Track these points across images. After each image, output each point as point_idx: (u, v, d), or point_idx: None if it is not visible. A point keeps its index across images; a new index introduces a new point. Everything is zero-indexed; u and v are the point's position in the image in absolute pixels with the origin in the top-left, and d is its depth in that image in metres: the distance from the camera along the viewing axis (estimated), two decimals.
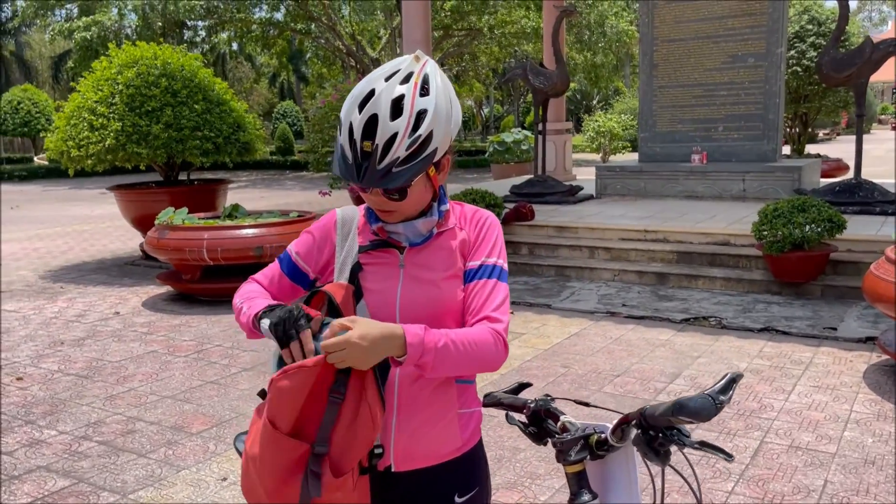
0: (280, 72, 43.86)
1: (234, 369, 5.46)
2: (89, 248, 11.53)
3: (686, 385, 4.88)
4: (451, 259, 1.62)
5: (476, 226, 1.66)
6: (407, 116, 1.45)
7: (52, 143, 9.37)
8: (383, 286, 1.59)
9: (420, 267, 1.60)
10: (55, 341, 6.35)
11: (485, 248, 1.63)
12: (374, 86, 1.47)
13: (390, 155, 1.45)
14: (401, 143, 1.45)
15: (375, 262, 1.62)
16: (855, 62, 8.40)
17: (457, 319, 1.60)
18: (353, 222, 1.68)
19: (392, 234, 1.61)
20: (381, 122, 1.44)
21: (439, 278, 1.60)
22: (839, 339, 5.77)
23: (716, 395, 1.26)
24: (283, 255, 1.73)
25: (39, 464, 3.97)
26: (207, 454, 4.04)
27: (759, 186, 9.87)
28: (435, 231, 1.62)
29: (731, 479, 3.61)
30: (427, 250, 1.62)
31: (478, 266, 1.61)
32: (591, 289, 7.53)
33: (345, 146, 1.47)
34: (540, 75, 10.55)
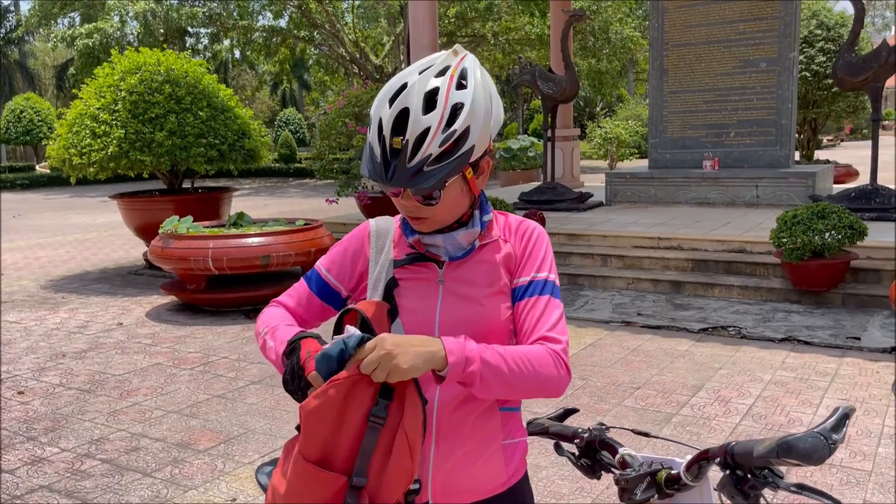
0: (282, 79, 43.84)
1: (242, 382, 5.30)
2: (92, 258, 11.38)
3: (710, 398, 4.72)
4: (494, 274, 1.46)
5: (522, 238, 1.51)
6: (441, 110, 1.30)
7: (53, 150, 9.23)
8: (421, 304, 1.44)
9: (461, 282, 1.45)
10: (57, 353, 6.20)
11: (534, 262, 1.48)
12: (407, 79, 1.34)
13: (422, 152, 1.30)
14: (433, 138, 1.30)
15: (412, 278, 1.47)
16: (871, 66, 8.25)
17: (502, 341, 1.45)
18: (389, 234, 1.53)
19: (430, 248, 1.46)
20: (413, 116, 1.30)
21: (482, 295, 1.44)
22: (863, 349, 5.60)
23: (828, 434, 1.10)
24: (312, 274, 1.58)
25: (41, 483, 3.81)
26: (216, 473, 3.87)
27: (773, 193, 9.70)
28: (477, 244, 1.47)
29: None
30: (468, 264, 1.46)
31: (528, 282, 1.46)
32: (605, 298, 7.36)
33: (373, 144, 1.34)
34: (549, 81, 10.41)
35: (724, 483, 1.19)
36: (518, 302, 1.45)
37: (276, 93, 51.65)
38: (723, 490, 1.20)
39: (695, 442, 4.08)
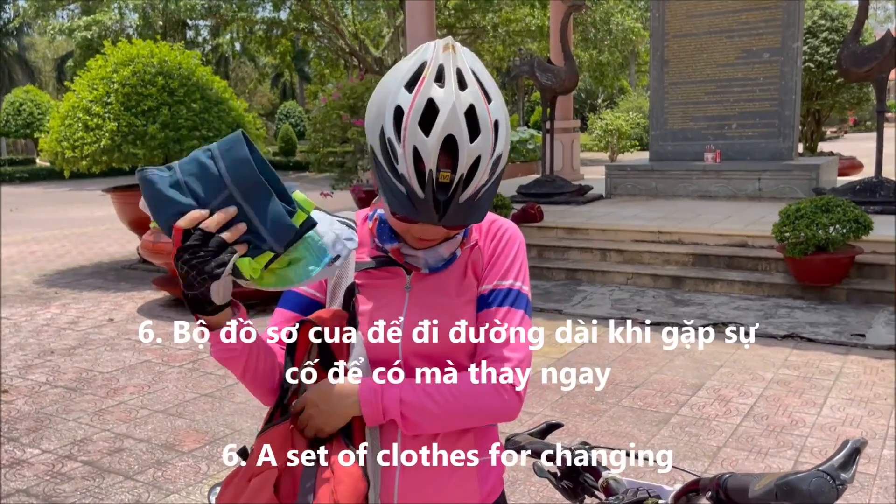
0: (283, 72, 43.67)
1: (230, 381, 5.18)
2: (87, 252, 11.26)
3: (710, 397, 4.59)
4: (468, 279, 1.34)
5: (493, 240, 1.36)
6: (488, 134, 1.14)
7: (46, 143, 9.10)
8: (385, 312, 1.30)
9: (430, 290, 1.31)
10: (45, 350, 6.08)
11: (500, 268, 1.33)
12: (430, 94, 1.12)
13: (474, 184, 1.14)
14: (486, 167, 1.14)
15: (375, 284, 1.33)
16: (875, 56, 8.08)
17: (469, 351, 1.32)
18: None
19: (409, 258, 1.31)
20: (462, 144, 1.12)
21: (452, 304, 1.31)
22: (868, 346, 5.47)
23: (835, 473, 0.97)
24: (286, 295, 1.40)
25: (19, 487, 3.69)
26: (199, 476, 3.76)
27: (776, 185, 9.55)
28: (458, 253, 1.33)
29: None
30: (440, 273, 1.33)
31: (489, 291, 1.32)
32: (604, 293, 7.23)
33: (408, 178, 1.13)
34: (548, 72, 10.25)
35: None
36: (481, 310, 1.32)
37: (277, 85, 51.47)
38: None
39: (694, 444, 3.96)
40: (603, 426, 4.20)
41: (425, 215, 1.15)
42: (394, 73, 1.17)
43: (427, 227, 1.20)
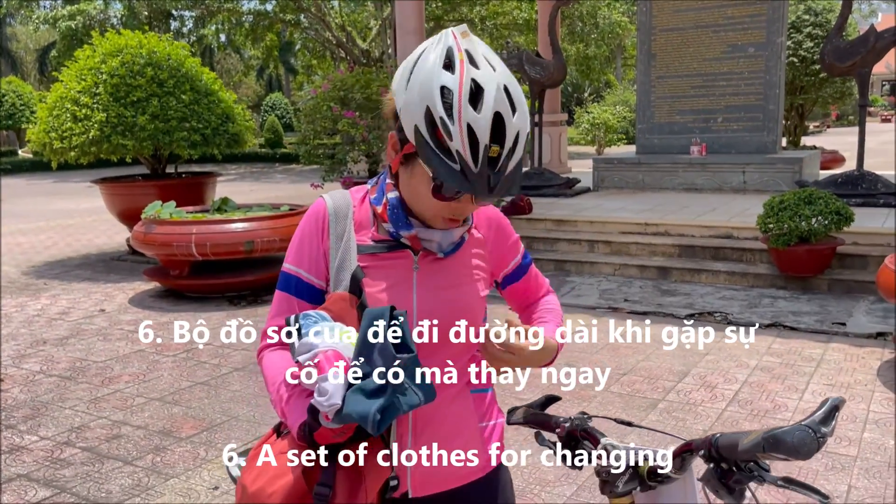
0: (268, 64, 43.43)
1: (225, 369, 5.24)
2: (74, 244, 11.25)
3: (696, 384, 4.71)
4: (470, 258, 1.44)
5: (491, 227, 1.51)
6: (524, 110, 1.25)
7: (34, 134, 9.07)
8: (395, 294, 1.35)
9: (438, 269, 1.39)
10: (38, 340, 6.11)
11: (513, 246, 1.56)
12: (472, 75, 1.20)
13: (515, 157, 1.24)
14: (523, 142, 1.25)
15: (381, 266, 1.37)
16: (859, 51, 8.23)
17: (476, 328, 1.42)
18: (348, 217, 1.40)
19: (424, 243, 1.37)
20: (507, 121, 1.21)
21: (460, 282, 1.41)
22: (849, 334, 5.61)
23: (816, 427, 1.06)
24: (288, 281, 1.43)
25: (20, 472, 3.75)
26: (198, 461, 3.83)
27: (760, 178, 9.70)
28: (466, 237, 1.42)
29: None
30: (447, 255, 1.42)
31: (517, 266, 1.57)
32: (592, 283, 7.34)
33: (463, 154, 1.19)
34: (536, 65, 10.34)
35: (708, 476, 1.15)
36: (515, 283, 1.57)
37: (262, 77, 51.22)
38: (707, 483, 1.17)
39: (681, 428, 4.07)
40: (592, 411, 4.30)
41: (479, 188, 1.21)
42: (423, 59, 1.23)
43: (465, 204, 1.28)
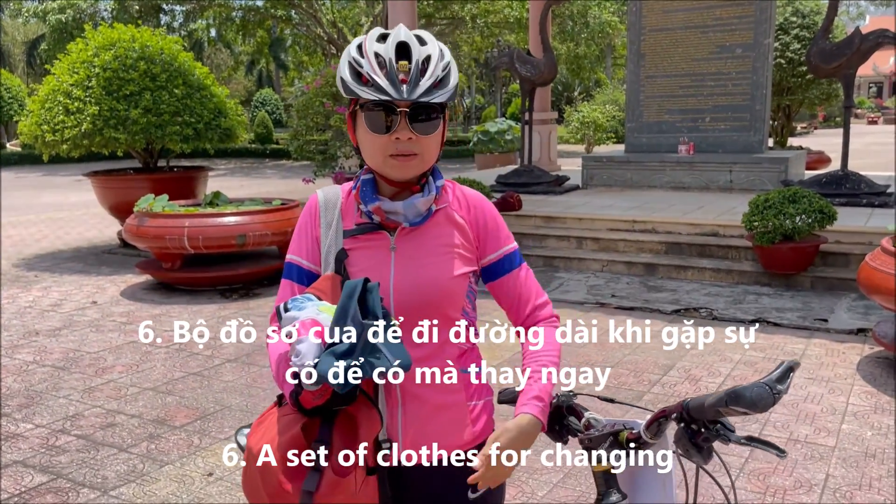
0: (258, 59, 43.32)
1: (218, 360, 5.31)
2: (64, 237, 11.25)
3: (680, 377, 4.81)
4: (448, 238, 1.52)
5: (476, 212, 1.58)
6: (434, 45, 1.43)
7: (26, 127, 9.08)
8: (374, 273, 1.47)
9: (414, 248, 1.50)
10: (30, 331, 6.15)
11: (498, 235, 1.59)
12: (382, 32, 1.44)
13: (430, 73, 1.40)
14: (437, 63, 1.42)
15: (363, 247, 1.50)
16: (844, 53, 8.36)
17: (455, 304, 1.51)
18: (336, 206, 1.55)
19: (389, 215, 1.48)
20: (413, 46, 1.41)
21: (435, 259, 1.50)
22: (830, 330, 5.73)
23: (773, 384, 1.16)
24: (290, 268, 1.57)
25: (16, 458, 3.81)
26: (192, 448, 3.89)
27: (746, 177, 9.84)
28: (434, 208, 1.52)
29: (732, 473, 3.53)
30: (421, 230, 1.51)
31: (501, 257, 1.57)
32: (580, 279, 7.45)
33: (373, 75, 1.39)
34: (527, 63, 10.43)
35: (679, 437, 1.24)
36: (500, 277, 1.57)
37: (252, 73, 51.09)
38: (678, 444, 1.26)
39: None
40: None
41: (394, 90, 1.37)
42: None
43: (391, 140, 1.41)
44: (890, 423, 4.06)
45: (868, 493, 3.34)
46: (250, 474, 1.38)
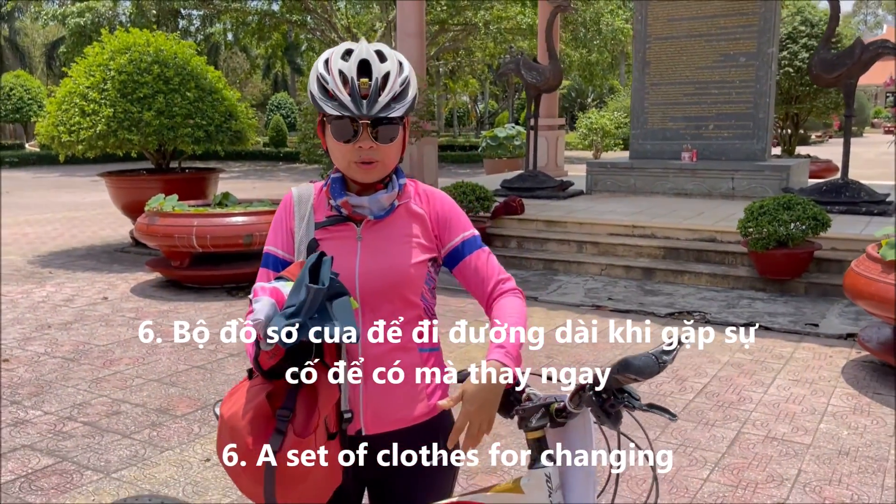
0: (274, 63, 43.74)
1: (221, 355, 5.49)
2: (79, 235, 11.52)
3: (667, 377, 4.94)
4: (408, 229, 1.69)
5: (433, 204, 1.74)
6: (393, 61, 1.58)
7: (42, 127, 9.35)
8: (341, 261, 1.63)
9: (378, 238, 1.66)
10: (42, 325, 6.36)
11: (456, 223, 1.74)
12: (348, 47, 1.59)
13: (388, 89, 1.55)
14: (395, 80, 1.56)
15: (332, 238, 1.67)
16: (845, 63, 8.47)
17: (414, 289, 1.67)
18: (309, 200, 1.72)
19: (356, 209, 1.66)
20: (374, 64, 1.56)
21: (397, 248, 1.66)
22: (820, 335, 5.84)
23: (659, 355, 1.31)
24: (266, 258, 1.74)
25: (24, 443, 4.00)
26: (192, 436, 4.07)
27: (748, 185, 9.94)
28: (396, 203, 1.68)
29: (707, 467, 3.67)
30: (384, 222, 1.68)
31: (461, 242, 1.73)
32: (578, 282, 7.59)
33: (337, 92, 1.54)
34: (532, 70, 10.59)
35: (590, 403, 1.39)
36: (462, 260, 1.73)
37: (268, 77, 51.54)
38: (593, 412, 1.41)
39: (647, 417, 4.30)
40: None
41: (354, 107, 1.53)
42: None
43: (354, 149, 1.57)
44: (867, 423, 4.18)
45: (837, 487, 3.46)
46: (222, 438, 1.55)
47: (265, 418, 1.48)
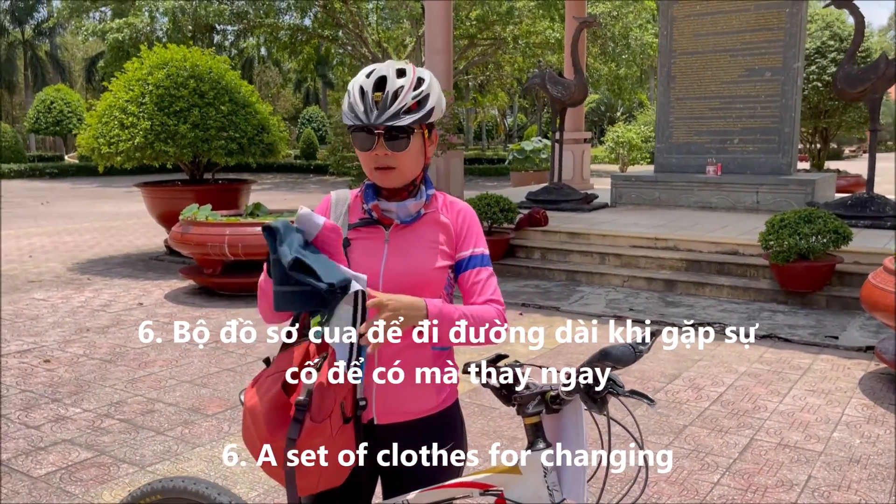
0: (306, 77, 44.44)
1: (250, 358, 5.70)
2: (116, 244, 11.88)
3: (685, 385, 5.03)
4: (433, 236, 1.84)
5: (458, 215, 1.89)
6: (410, 77, 1.75)
7: (83, 140, 9.71)
8: (369, 259, 1.80)
9: (403, 242, 1.82)
10: (81, 328, 6.63)
11: (471, 238, 1.87)
12: (374, 67, 1.77)
13: (398, 102, 1.71)
14: (406, 93, 1.72)
15: (363, 238, 1.83)
16: (869, 77, 8.50)
17: (434, 291, 1.81)
18: (345, 203, 1.89)
19: (385, 213, 1.82)
20: (389, 80, 1.73)
21: (420, 253, 1.81)
22: (840, 347, 5.88)
23: (636, 345, 1.45)
24: None
25: (64, 437, 4.22)
26: (222, 434, 4.26)
27: (773, 199, 9.97)
28: (423, 212, 1.84)
29: (718, 472, 3.76)
30: (411, 228, 1.84)
31: (468, 256, 1.86)
32: (600, 293, 7.69)
33: (355, 103, 1.73)
34: (558, 84, 10.74)
35: (581, 391, 1.54)
36: (464, 272, 1.85)
37: (300, 90, 52.32)
38: (582, 399, 1.55)
39: (663, 423, 4.41)
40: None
41: (365, 116, 1.71)
42: None
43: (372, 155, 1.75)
44: (879, 433, 4.24)
45: (846, 493, 3.54)
46: (246, 425, 1.72)
47: (281, 408, 1.64)
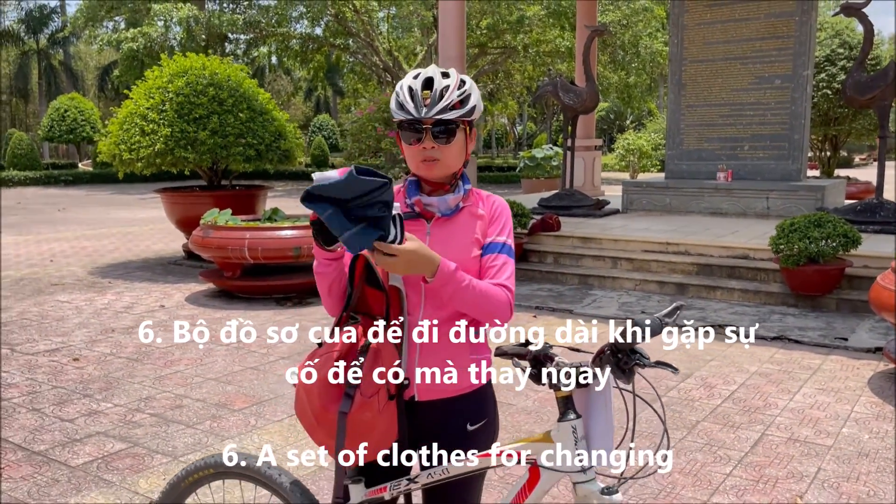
0: (316, 86, 44.80)
1: (273, 357, 5.86)
2: (134, 248, 12.08)
3: (696, 384, 5.16)
4: (470, 229, 1.99)
5: (491, 207, 2.05)
6: (454, 78, 1.92)
7: (105, 146, 9.92)
8: None
9: (444, 234, 1.97)
10: (106, 329, 6.81)
11: (497, 226, 2.02)
12: (420, 70, 1.94)
13: (445, 99, 1.88)
14: (452, 92, 1.89)
15: (406, 231, 1.97)
16: (878, 85, 8.62)
17: (471, 275, 1.96)
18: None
19: (427, 206, 1.97)
20: (436, 80, 1.90)
21: (459, 244, 1.96)
22: (849, 348, 5.99)
23: (662, 318, 1.60)
24: None
25: (98, 430, 4.38)
26: (249, 427, 4.42)
27: (783, 205, 10.08)
28: (461, 205, 1.99)
29: (731, 464, 3.89)
30: (451, 220, 1.98)
31: (492, 242, 2.00)
32: (613, 297, 7.82)
33: (405, 100, 1.89)
34: (570, 92, 10.89)
35: (607, 361, 1.68)
36: (486, 255, 2.00)
37: (311, 99, 52.71)
38: (612, 371, 1.70)
39: (676, 419, 4.54)
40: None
41: (416, 111, 1.86)
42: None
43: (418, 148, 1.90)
44: (888, 429, 4.35)
45: (855, 484, 3.66)
46: (299, 400, 1.88)
47: (333, 386, 1.81)
